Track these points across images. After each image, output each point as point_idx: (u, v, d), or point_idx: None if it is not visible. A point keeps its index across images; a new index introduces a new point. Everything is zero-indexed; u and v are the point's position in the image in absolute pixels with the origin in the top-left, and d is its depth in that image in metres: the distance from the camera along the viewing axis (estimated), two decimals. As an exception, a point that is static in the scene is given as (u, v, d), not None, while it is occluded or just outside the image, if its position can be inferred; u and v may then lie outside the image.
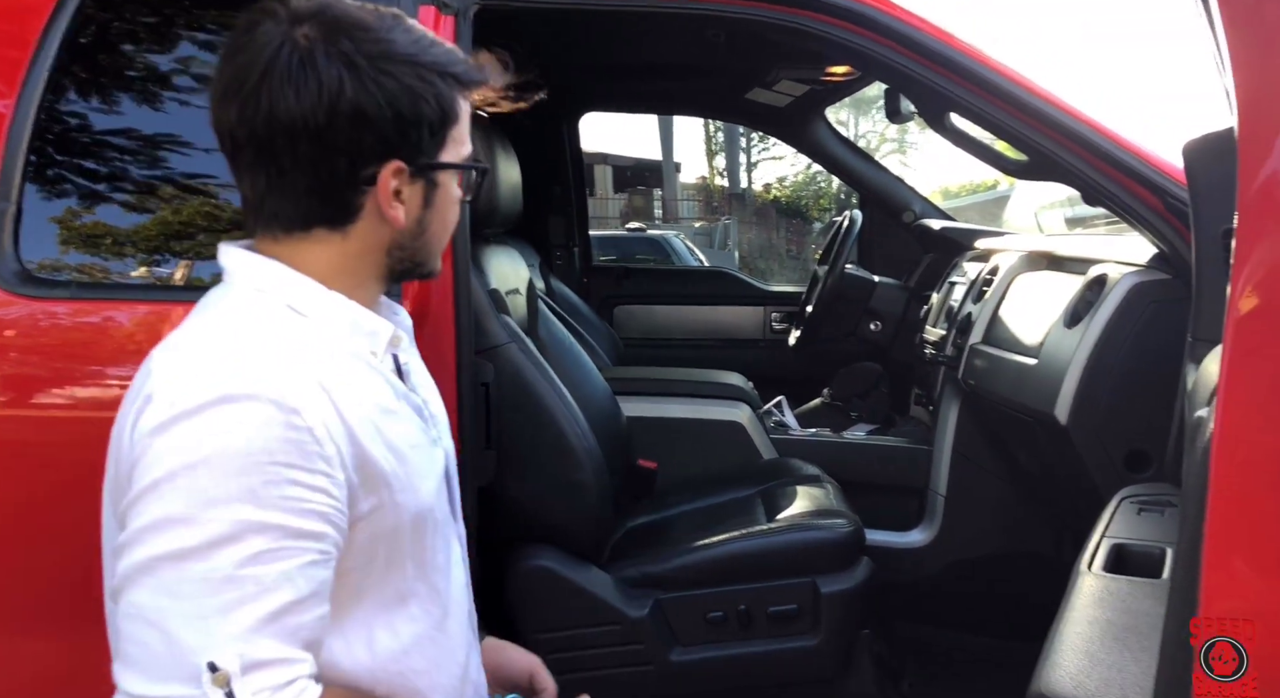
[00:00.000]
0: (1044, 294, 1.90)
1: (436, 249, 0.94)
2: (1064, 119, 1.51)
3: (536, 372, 1.63)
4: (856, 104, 20.66)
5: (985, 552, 2.17)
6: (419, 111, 0.84)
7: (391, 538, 0.85)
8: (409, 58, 0.83)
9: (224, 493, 0.73)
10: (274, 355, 0.79)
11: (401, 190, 0.86)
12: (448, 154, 0.89)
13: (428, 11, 1.44)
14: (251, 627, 0.72)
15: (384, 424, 0.84)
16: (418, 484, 0.87)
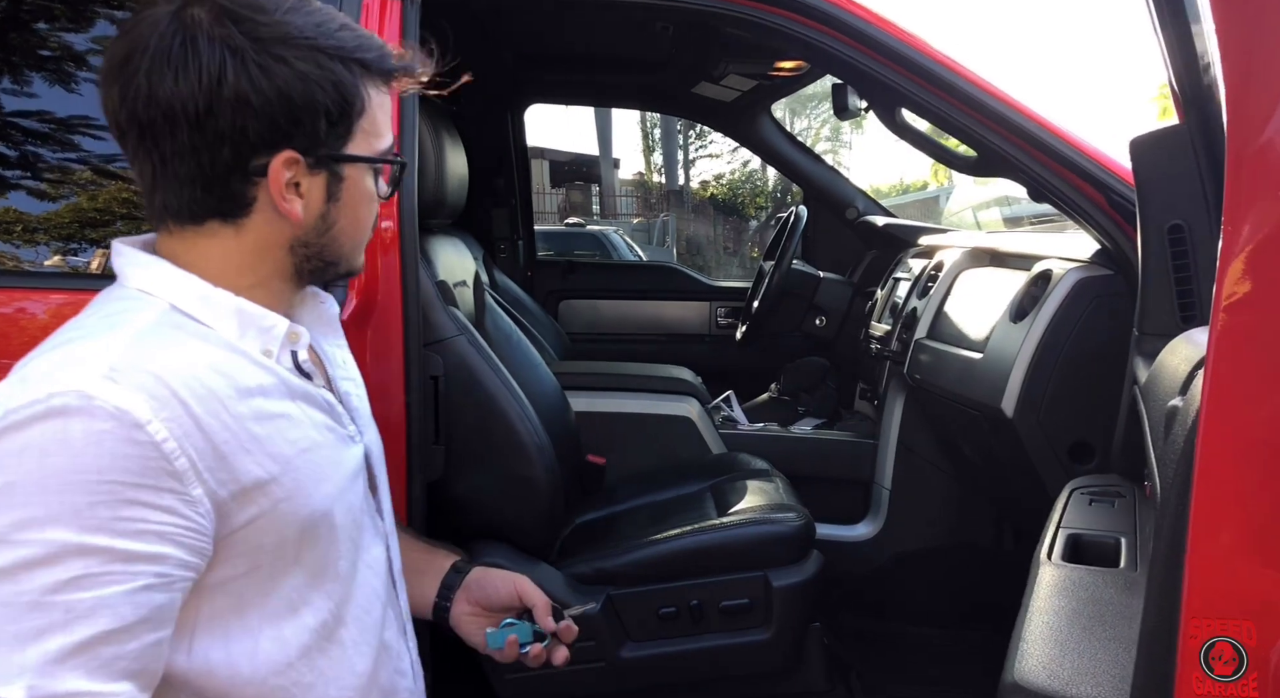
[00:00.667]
0: (988, 290, 1.93)
1: (350, 247, 0.89)
2: (1013, 116, 1.53)
3: (486, 365, 1.59)
4: (792, 102, 20.92)
5: (929, 544, 2.21)
6: (313, 99, 0.79)
7: (276, 546, 0.80)
8: (305, 41, 0.79)
9: (41, 513, 0.67)
10: (129, 364, 0.72)
11: (300, 183, 0.82)
12: (356, 146, 0.84)
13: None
14: (52, 658, 0.66)
15: (265, 431, 0.79)
16: (310, 489, 0.82)
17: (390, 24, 1.39)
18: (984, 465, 2.05)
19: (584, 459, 2.07)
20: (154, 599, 0.70)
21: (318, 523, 0.83)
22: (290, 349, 0.86)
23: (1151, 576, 0.65)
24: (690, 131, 20.57)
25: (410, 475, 1.37)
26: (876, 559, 2.21)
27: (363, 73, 0.82)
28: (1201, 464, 0.54)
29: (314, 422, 0.85)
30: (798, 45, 1.61)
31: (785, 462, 2.16)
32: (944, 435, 2.18)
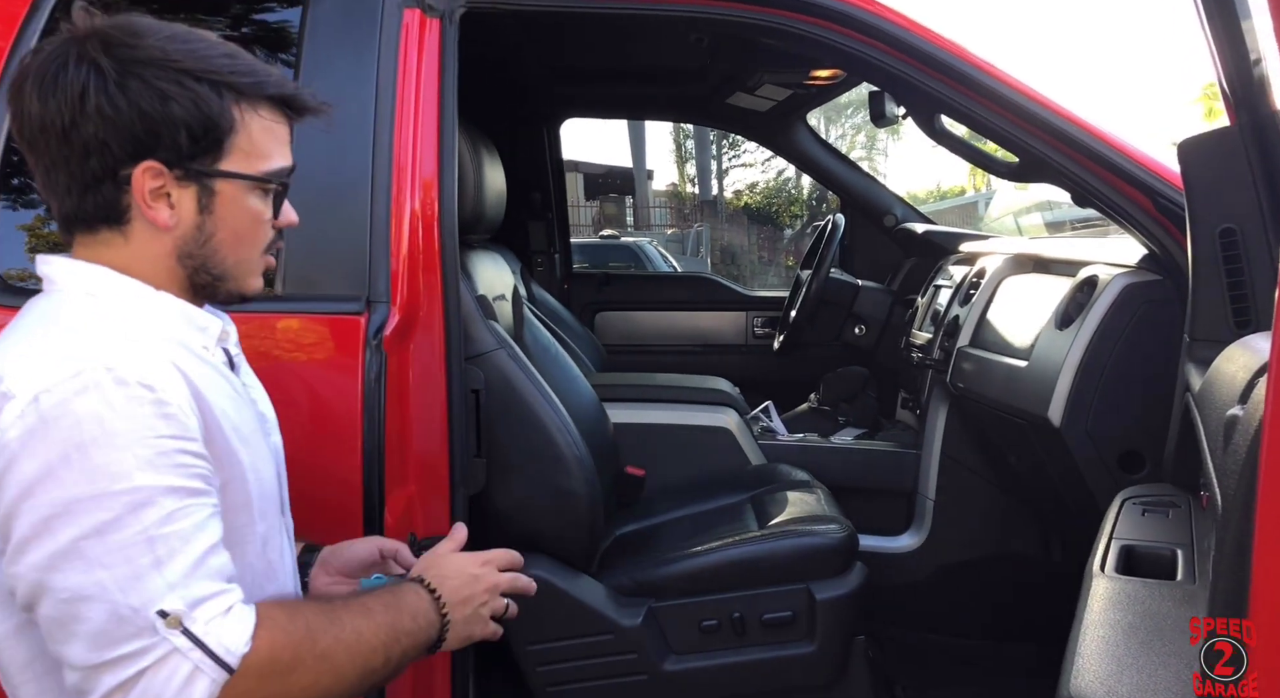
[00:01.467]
0: (1032, 296, 1.90)
1: (234, 262, 0.94)
2: (1054, 120, 1.51)
3: (525, 378, 1.60)
4: (826, 110, 20.83)
5: (975, 555, 2.17)
6: (169, 115, 0.86)
7: (239, 514, 0.91)
8: (170, 63, 0.87)
9: (122, 467, 0.79)
10: (124, 341, 0.84)
11: (171, 193, 0.89)
12: (232, 164, 0.90)
13: (413, 14, 1.42)
14: (185, 573, 0.80)
15: (229, 408, 0.90)
16: (261, 469, 0.94)
17: (430, 43, 1.41)
18: (1030, 475, 2.01)
19: (623, 471, 2.07)
20: (218, 526, 0.85)
21: (257, 493, 0.93)
22: (222, 346, 0.97)
23: (1215, 589, 0.63)
24: (723, 141, 20.56)
25: (453, 488, 1.38)
26: (921, 571, 2.18)
27: (233, 95, 0.89)
28: (1266, 474, 0.53)
29: (243, 411, 0.94)
30: (835, 54, 1.61)
31: (826, 473, 2.14)
32: (989, 445, 2.15)
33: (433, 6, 1.43)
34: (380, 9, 1.39)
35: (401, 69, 1.38)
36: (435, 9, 1.43)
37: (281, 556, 1.00)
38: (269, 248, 0.97)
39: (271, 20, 1.49)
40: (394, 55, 1.38)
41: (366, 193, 1.34)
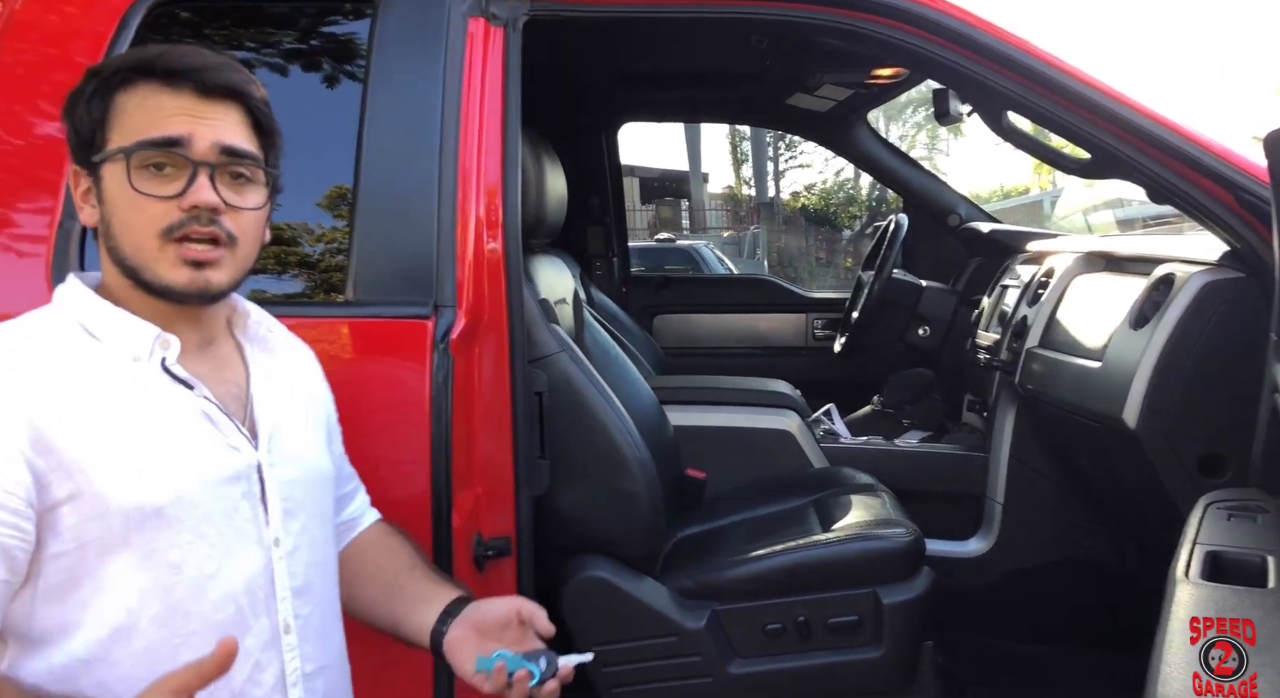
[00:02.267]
0: (1105, 296, 1.85)
1: (132, 251, 0.92)
2: (1128, 114, 1.47)
3: (587, 381, 1.61)
4: (886, 108, 20.54)
5: (1045, 560, 2.13)
6: (74, 115, 0.94)
7: (101, 525, 0.86)
8: (92, 71, 0.95)
9: None
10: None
11: (90, 190, 0.94)
12: (112, 147, 0.92)
13: (478, 24, 1.44)
14: None
15: (97, 415, 0.87)
16: (136, 478, 0.87)
17: (494, 51, 1.43)
18: (1103, 479, 1.96)
19: (684, 474, 2.07)
20: None
21: (145, 512, 0.87)
22: (161, 355, 0.93)
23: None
24: (780, 142, 20.42)
25: (518, 489, 1.40)
26: (989, 576, 2.13)
27: (106, 82, 0.93)
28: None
29: (169, 422, 0.91)
30: (898, 53, 1.59)
31: (891, 476, 2.11)
32: (1059, 448, 2.10)
33: (496, 15, 1.45)
34: (446, 19, 1.41)
35: (466, 78, 1.41)
36: (499, 18, 1.45)
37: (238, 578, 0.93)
38: (173, 231, 0.91)
39: (340, 33, 1.53)
40: (459, 64, 1.40)
41: (433, 200, 1.36)
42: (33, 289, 1.28)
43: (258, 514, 0.96)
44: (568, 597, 1.57)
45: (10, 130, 1.36)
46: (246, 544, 0.94)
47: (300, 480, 1.01)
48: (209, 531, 0.91)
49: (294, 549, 0.98)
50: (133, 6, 1.40)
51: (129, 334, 0.92)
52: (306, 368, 1.13)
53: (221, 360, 1.01)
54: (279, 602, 0.96)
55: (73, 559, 0.86)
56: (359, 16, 1.47)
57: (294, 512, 0.99)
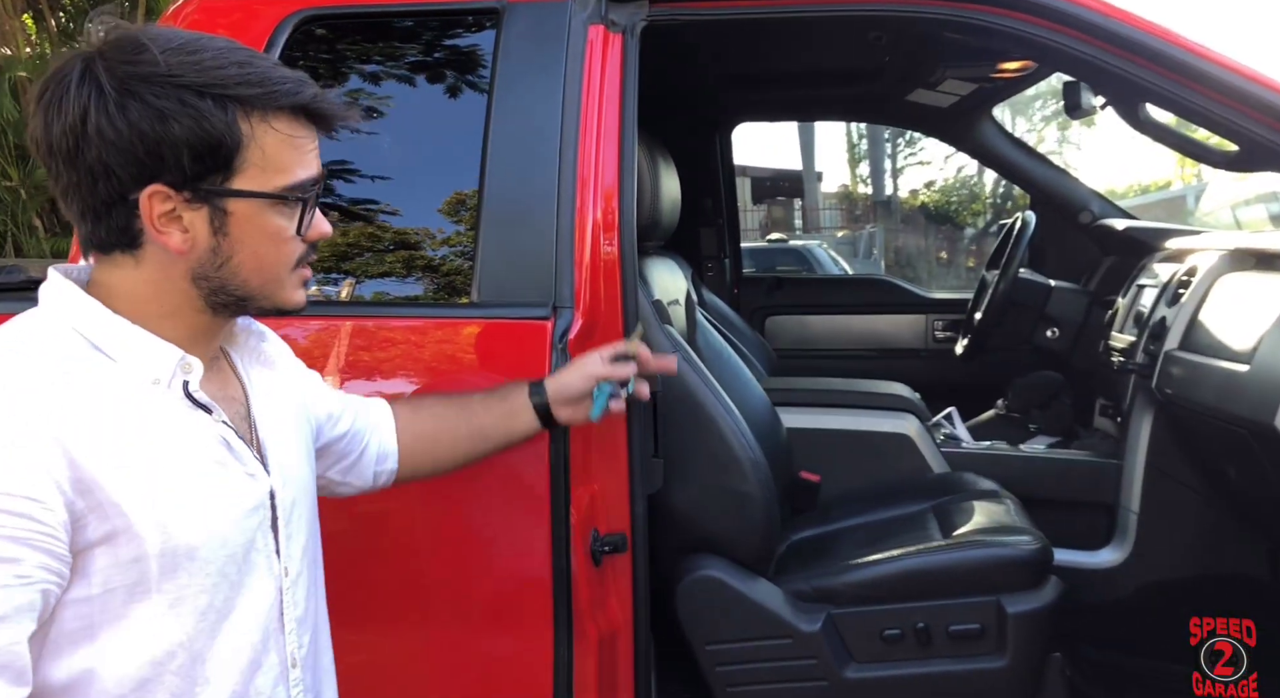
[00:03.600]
0: (1254, 295, 1.74)
1: (259, 283, 0.88)
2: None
3: (700, 381, 1.62)
4: (1012, 103, 19.73)
5: (1187, 574, 2.01)
6: (170, 135, 0.80)
7: (133, 570, 0.80)
8: (169, 79, 0.80)
9: None
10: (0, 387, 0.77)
11: (183, 216, 0.84)
12: (246, 181, 0.84)
13: (597, 31, 1.47)
14: None
15: (131, 454, 0.80)
16: (170, 519, 0.81)
17: (612, 57, 1.46)
18: (1253, 489, 1.84)
19: (797, 476, 2.05)
20: (12, 598, 0.73)
21: (178, 554, 0.82)
22: (183, 378, 0.86)
23: None
24: (899, 139, 19.90)
25: (633, 487, 1.42)
26: (1124, 589, 2.03)
27: (241, 109, 0.83)
28: None
29: (194, 453, 0.85)
30: (1025, 46, 1.54)
31: (1016, 483, 2.04)
32: (1202, 455, 1.98)
33: (615, 22, 1.48)
34: (567, 28, 1.45)
35: (586, 84, 1.44)
36: (618, 24, 1.48)
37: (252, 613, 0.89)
38: (300, 262, 0.91)
39: (465, 45, 1.59)
40: (579, 71, 1.44)
41: (553, 204, 1.40)
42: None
43: (268, 544, 0.92)
44: (682, 594, 1.58)
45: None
46: (260, 578, 0.90)
47: (299, 500, 0.97)
48: (231, 569, 0.87)
49: (297, 575, 0.95)
50: (279, 26, 1.49)
51: (149, 355, 0.85)
52: (284, 365, 1.06)
53: (225, 377, 0.96)
54: (286, 635, 0.93)
55: (95, 606, 0.79)
56: (483, 28, 1.53)
57: (294, 535, 0.95)
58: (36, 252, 6.07)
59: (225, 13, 1.58)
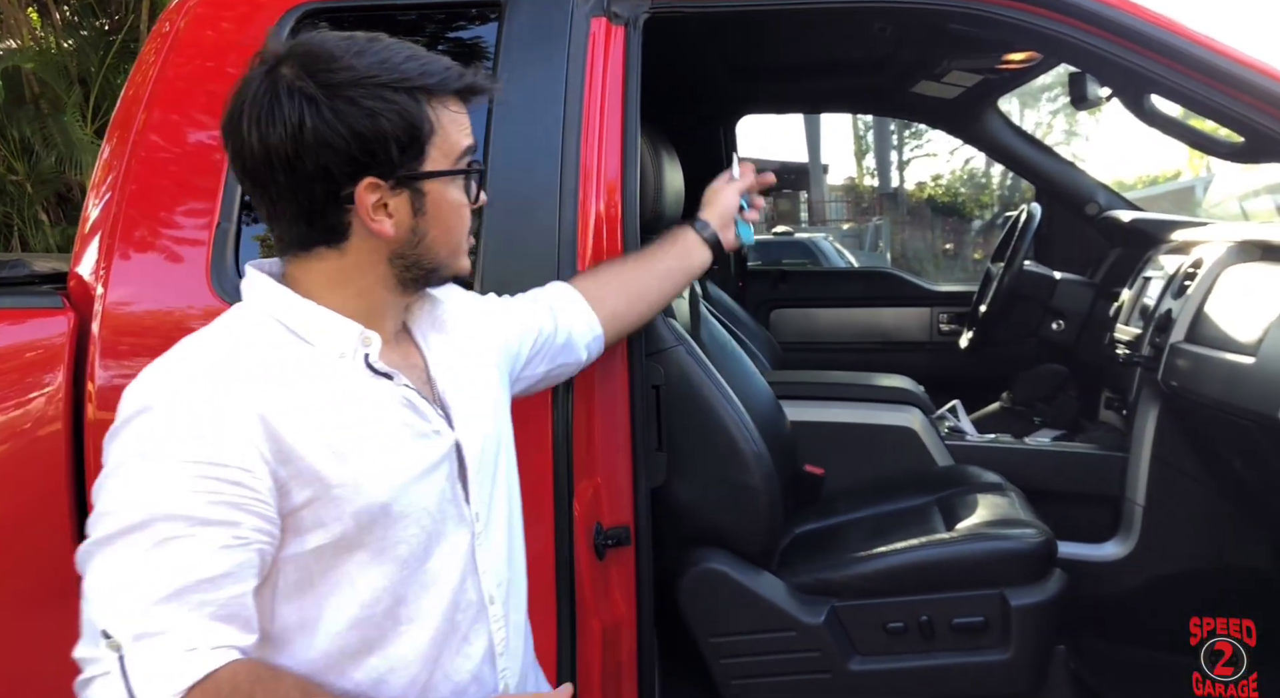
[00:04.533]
0: (1260, 287, 1.73)
1: (447, 253, 0.99)
2: (1287, 92, 1.37)
3: (703, 374, 1.62)
4: (1020, 95, 19.63)
5: (1192, 567, 2.01)
6: (380, 130, 0.90)
7: (336, 527, 0.90)
8: (370, 80, 0.90)
9: (142, 485, 0.83)
10: (204, 368, 0.88)
11: (387, 203, 0.93)
12: (433, 162, 0.94)
13: (599, 23, 1.47)
14: (151, 602, 0.80)
15: (324, 423, 0.90)
16: (364, 480, 0.90)
17: (615, 50, 1.46)
18: (1259, 482, 1.83)
19: (801, 469, 2.05)
20: (234, 557, 0.83)
21: (374, 510, 0.91)
22: (364, 351, 0.95)
23: None
24: (905, 131, 19.83)
25: (636, 480, 1.42)
26: (1129, 581, 2.03)
27: (427, 97, 0.93)
28: None
29: (380, 418, 0.94)
30: (1030, 37, 1.53)
31: (1020, 475, 2.04)
32: (1208, 448, 1.97)
33: (618, 14, 1.47)
34: (569, 20, 1.45)
35: (589, 77, 1.44)
36: (620, 16, 1.48)
37: (425, 558, 0.96)
38: (471, 230, 1.02)
39: (468, 37, 1.59)
40: (582, 63, 1.44)
41: (555, 197, 1.40)
42: (194, 289, 1.39)
43: (458, 494, 1.00)
44: (685, 588, 1.59)
45: (171, 139, 1.48)
46: (453, 525, 0.99)
47: (487, 449, 1.05)
48: (426, 520, 0.95)
49: (489, 519, 1.04)
50: (283, 17, 1.49)
51: (335, 333, 0.94)
52: (461, 322, 1.13)
53: (407, 348, 1.04)
54: (481, 575, 1.01)
55: (309, 559, 0.90)
56: (486, 20, 1.53)
57: (484, 481, 1.04)
58: (42, 246, 6.08)
59: (230, 5, 1.58)
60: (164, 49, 1.51)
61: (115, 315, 1.37)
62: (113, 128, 1.52)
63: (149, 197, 1.43)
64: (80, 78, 6.02)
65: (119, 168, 1.44)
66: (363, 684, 0.93)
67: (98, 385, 1.33)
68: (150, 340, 1.37)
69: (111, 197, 1.43)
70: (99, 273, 1.39)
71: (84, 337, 1.36)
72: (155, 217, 1.43)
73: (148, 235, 1.42)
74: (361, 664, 0.94)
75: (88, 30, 6.19)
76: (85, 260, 1.43)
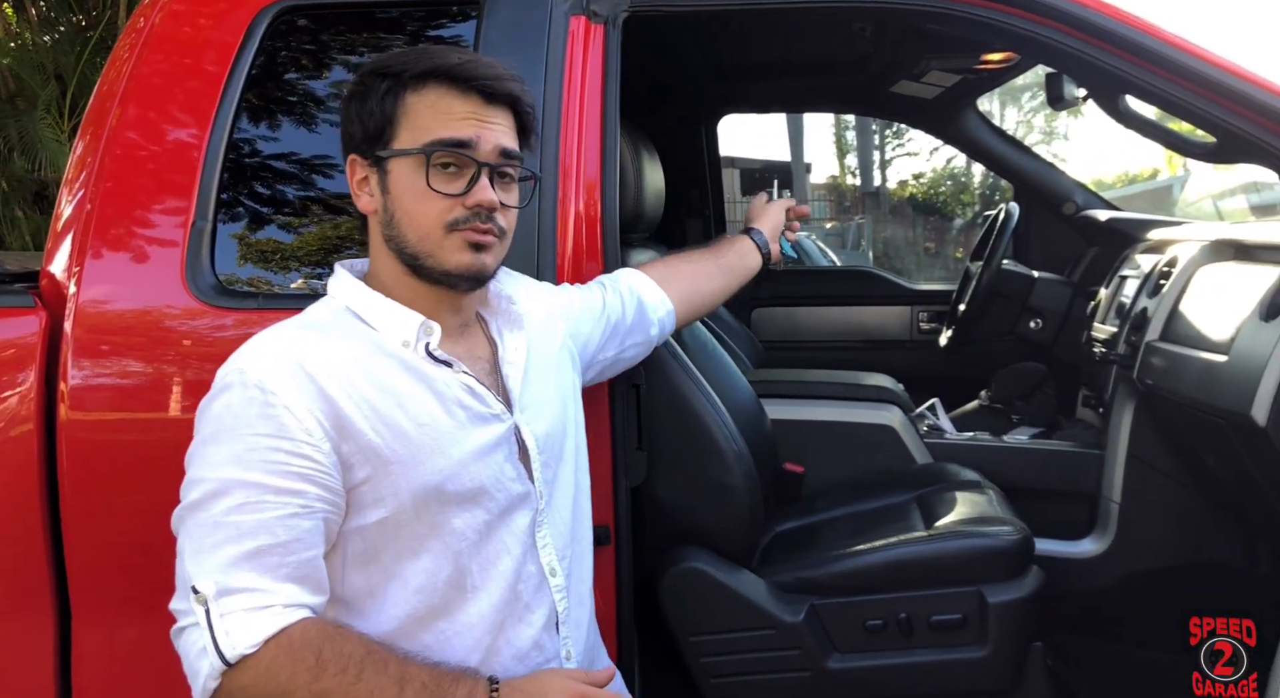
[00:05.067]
0: (1233, 286, 1.75)
1: (415, 238, 1.02)
2: (1257, 93, 1.39)
3: (684, 373, 1.62)
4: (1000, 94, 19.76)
5: (1167, 562, 2.03)
6: (353, 110, 1.04)
7: (394, 502, 0.97)
8: (364, 67, 1.06)
9: (218, 458, 0.92)
10: (280, 351, 0.96)
11: (368, 179, 1.04)
12: (401, 143, 1.02)
13: (579, 21, 1.47)
14: (231, 561, 0.90)
15: (385, 404, 0.98)
16: (420, 458, 0.98)
17: (594, 48, 1.46)
18: (1232, 479, 1.85)
19: (782, 468, 2.05)
20: (301, 524, 0.92)
21: (429, 488, 0.98)
22: (425, 339, 1.02)
23: None
24: (886, 131, 19.91)
25: (616, 479, 1.42)
26: (1105, 578, 2.05)
27: (396, 81, 1.02)
28: None
29: (439, 401, 1.01)
30: (1007, 37, 1.54)
31: (998, 473, 2.05)
32: (1182, 445, 1.99)
33: (597, 13, 1.47)
34: (548, 18, 1.45)
35: (568, 75, 1.44)
36: (600, 15, 1.47)
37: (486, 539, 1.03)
38: (457, 224, 1.01)
39: (447, 35, 1.58)
40: (561, 62, 1.44)
41: (535, 195, 1.39)
42: (169, 288, 1.37)
43: (520, 473, 1.06)
44: (666, 586, 1.59)
45: (146, 136, 1.47)
46: (514, 503, 1.05)
47: (551, 432, 1.11)
48: (484, 499, 1.02)
49: (552, 497, 1.10)
50: (257, 17, 1.48)
51: (398, 321, 1.02)
52: (536, 319, 1.20)
53: (474, 341, 1.11)
54: (541, 549, 1.08)
55: (371, 532, 0.98)
56: (465, 18, 1.52)
57: (549, 462, 1.10)
58: (19, 243, 6.01)
59: (206, 1, 1.57)
60: (139, 44, 1.49)
61: (89, 315, 1.35)
62: (86, 124, 1.50)
63: (123, 194, 1.42)
64: (57, 74, 5.95)
65: (92, 165, 1.43)
66: (431, 646, 1.00)
67: (70, 385, 1.31)
68: (124, 340, 1.35)
69: (84, 194, 1.42)
70: (72, 271, 1.37)
71: (56, 336, 1.34)
72: (129, 215, 1.42)
73: (122, 234, 1.41)
74: (430, 628, 1.01)
75: (64, 26, 6.13)
76: (58, 259, 1.41)
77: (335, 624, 0.95)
